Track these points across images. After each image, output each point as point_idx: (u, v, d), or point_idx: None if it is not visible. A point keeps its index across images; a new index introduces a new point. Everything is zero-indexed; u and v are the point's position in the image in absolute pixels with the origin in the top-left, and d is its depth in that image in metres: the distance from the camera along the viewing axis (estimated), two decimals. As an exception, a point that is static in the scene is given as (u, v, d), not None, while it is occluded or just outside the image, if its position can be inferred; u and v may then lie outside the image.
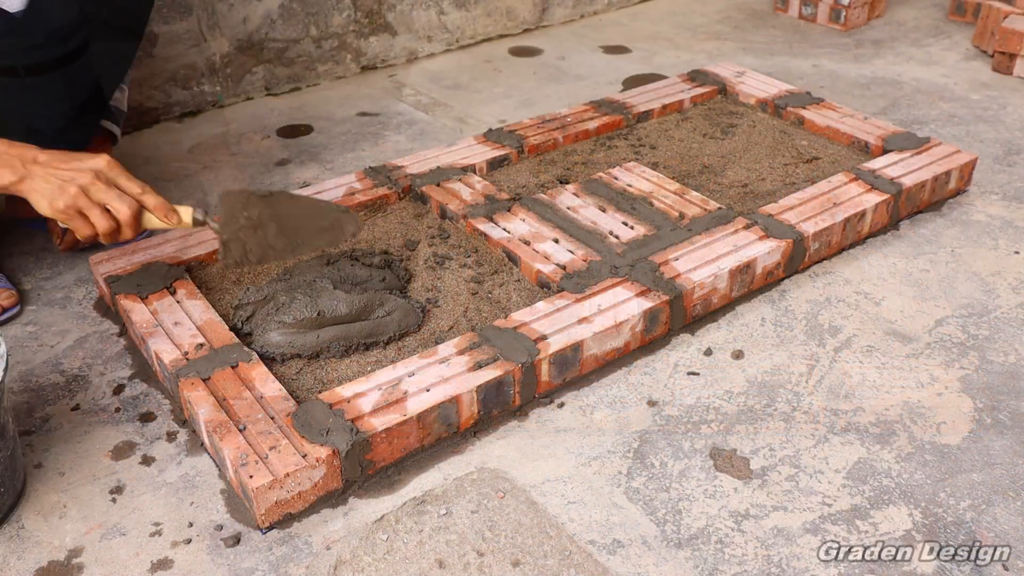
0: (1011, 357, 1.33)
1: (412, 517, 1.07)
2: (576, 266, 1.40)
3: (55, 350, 1.36)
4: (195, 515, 1.07)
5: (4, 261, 1.58)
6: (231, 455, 1.05)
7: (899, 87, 2.28)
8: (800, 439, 1.18)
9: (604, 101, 1.98)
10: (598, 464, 1.14)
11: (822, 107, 1.94)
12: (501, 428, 1.20)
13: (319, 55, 2.33)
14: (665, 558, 1.01)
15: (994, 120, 2.09)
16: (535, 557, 1.01)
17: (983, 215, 1.69)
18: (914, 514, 1.07)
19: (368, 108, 2.21)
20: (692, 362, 1.32)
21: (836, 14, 2.69)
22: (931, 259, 1.56)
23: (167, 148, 2.00)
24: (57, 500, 1.10)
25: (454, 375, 1.17)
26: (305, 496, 1.06)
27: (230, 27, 2.16)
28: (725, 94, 2.08)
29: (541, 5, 2.73)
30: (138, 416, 1.23)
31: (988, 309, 1.43)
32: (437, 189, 1.63)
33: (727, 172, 1.75)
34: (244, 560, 1.02)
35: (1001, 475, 1.12)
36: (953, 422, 1.21)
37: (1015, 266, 1.54)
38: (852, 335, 1.38)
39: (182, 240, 1.48)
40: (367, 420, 1.09)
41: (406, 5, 2.43)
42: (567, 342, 1.23)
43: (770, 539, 1.03)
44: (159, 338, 1.25)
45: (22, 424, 1.21)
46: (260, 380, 1.17)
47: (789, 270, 1.50)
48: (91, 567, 1.01)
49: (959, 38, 2.61)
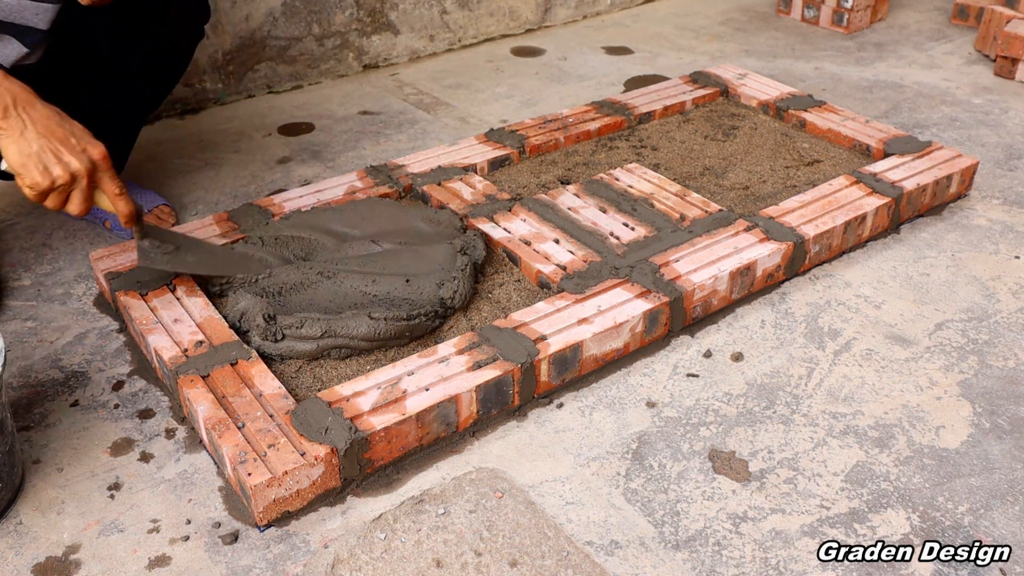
0: (1011, 362, 1.33)
1: (410, 516, 1.06)
2: (576, 267, 1.40)
3: (54, 346, 1.36)
4: (193, 512, 1.07)
5: (4, 256, 1.58)
6: (230, 452, 1.05)
7: (901, 91, 2.28)
8: (799, 442, 1.18)
9: (606, 102, 1.98)
10: (597, 465, 1.14)
11: (824, 110, 1.94)
12: (500, 428, 1.20)
13: (321, 53, 2.33)
14: (663, 559, 1.01)
15: (996, 124, 2.08)
16: (533, 557, 1.01)
17: (984, 219, 1.69)
18: (912, 518, 1.06)
19: (370, 107, 2.21)
20: (692, 364, 1.32)
21: (838, 17, 2.69)
22: (931, 263, 1.56)
23: (169, 145, 2.00)
24: (55, 496, 1.10)
25: (453, 375, 1.17)
26: (303, 494, 1.06)
27: (232, 24, 2.16)
28: (727, 96, 2.07)
29: (544, 5, 2.73)
30: (137, 413, 1.23)
31: (988, 313, 1.43)
32: (438, 188, 1.63)
33: (728, 174, 1.75)
34: (242, 558, 1.02)
35: (999, 480, 1.12)
36: (952, 426, 1.21)
37: (1015, 271, 1.54)
38: (852, 338, 1.38)
39: (182, 237, 1.48)
40: (366, 419, 1.09)
41: (408, 4, 2.43)
42: (567, 343, 1.23)
43: (768, 541, 1.03)
44: (158, 335, 1.25)
45: (21, 419, 1.21)
46: (259, 378, 1.16)
47: (789, 273, 1.50)
48: (88, 563, 1.01)
49: (961, 42, 2.61)
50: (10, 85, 1.12)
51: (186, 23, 1.54)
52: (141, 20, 1.45)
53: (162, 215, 1.64)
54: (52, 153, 1.11)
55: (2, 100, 1.10)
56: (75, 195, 1.15)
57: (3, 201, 1.75)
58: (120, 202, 1.20)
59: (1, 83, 1.11)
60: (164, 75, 1.61)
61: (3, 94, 1.11)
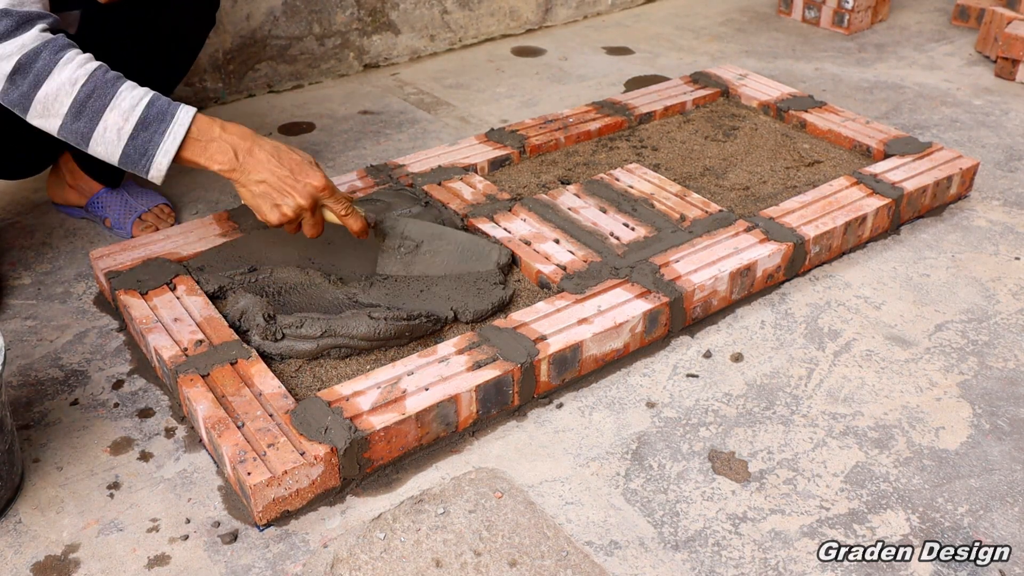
0: (1010, 363, 1.33)
1: (409, 516, 1.06)
2: (576, 267, 1.40)
3: (54, 345, 1.36)
4: (193, 511, 1.07)
5: (4, 255, 1.58)
6: (229, 452, 1.05)
7: (901, 91, 2.28)
8: (798, 442, 1.18)
9: (606, 102, 1.98)
10: (596, 465, 1.14)
11: (824, 111, 1.94)
12: (500, 428, 1.20)
13: (322, 53, 2.33)
14: (662, 560, 1.01)
15: (996, 126, 2.08)
16: (532, 557, 1.01)
17: (984, 220, 1.69)
18: (912, 519, 1.07)
19: (370, 106, 2.21)
20: (691, 364, 1.32)
21: (839, 18, 2.69)
22: (932, 264, 1.56)
23: (169, 144, 2.00)
24: (55, 495, 1.10)
25: (453, 374, 1.17)
26: (303, 494, 1.06)
27: (233, 23, 2.16)
28: (727, 96, 2.07)
29: (544, 5, 2.73)
30: (137, 412, 1.23)
31: (988, 315, 1.43)
32: (438, 188, 1.63)
33: (728, 175, 1.75)
34: (241, 557, 1.02)
35: (999, 481, 1.12)
36: (952, 427, 1.21)
37: (1015, 272, 1.54)
38: (852, 339, 1.38)
39: (183, 236, 1.48)
40: (366, 418, 1.09)
41: (409, 4, 2.43)
42: (567, 343, 1.23)
43: (767, 542, 1.03)
44: (158, 334, 1.25)
45: (20, 418, 1.21)
46: (259, 377, 1.16)
47: (789, 273, 1.50)
48: (88, 562, 1.01)
49: (962, 43, 2.61)
50: (229, 136, 1.21)
51: (196, 9, 1.55)
52: (152, 9, 1.45)
53: (161, 214, 1.64)
54: (278, 192, 1.22)
55: (226, 154, 1.20)
56: (305, 223, 1.27)
57: (3, 200, 1.75)
58: (348, 221, 1.29)
59: (222, 136, 1.21)
60: (176, 62, 1.61)
61: (225, 147, 1.20)
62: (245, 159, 1.21)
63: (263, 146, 1.22)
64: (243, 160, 1.21)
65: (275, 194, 1.22)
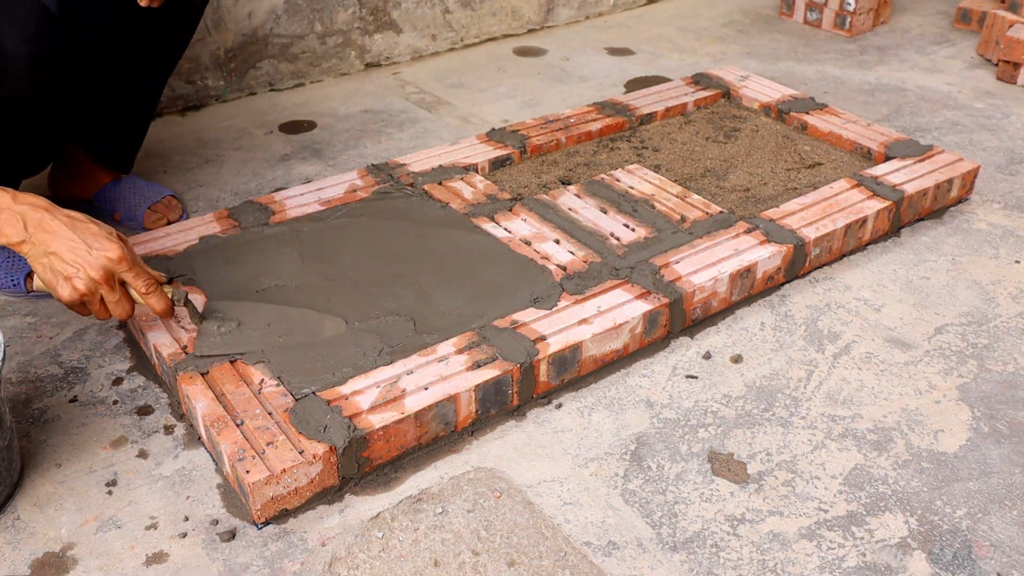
0: (1010, 366, 1.33)
1: (408, 515, 1.06)
2: (576, 267, 1.40)
3: (54, 341, 1.36)
4: (191, 509, 1.07)
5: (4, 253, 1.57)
6: (228, 450, 1.05)
7: (903, 94, 2.28)
8: (797, 444, 1.18)
9: (607, 103, 1.98)
10: (595, 465, 1.14)
11: (825, 113, 1.94)
12: (499, 428, 1.20)
13: (323, 52, 2.33)
14: (660, 561, 1.01)
15: (997, 129, 2.08)
16: (530, 557, 1.01)
17: (984, 224, 1.69)
18: (910, 521, 1.06)
19: (371, 105, 2.21)
20: (691, 365, 1.32)
21: (841, 20, 2.69)
22: (932, 267, 1.56)
23: (170, 142, 2.00)
24: (53, 492, 1.10)
25: (452, 374, 1.17)
26: (301, 492, 1.06)
27: (235, 22, 2.16)
28: (729, 98, 2.07)
29: (546, 6, 2.73)
30: (136, 409, 1.23)
31: (988, 318, 1.43)
32: (439, 188, 1.63)
33: (729, 176, 1.75)
34: (239, 555, 1.02)
35: (998, 484, 1.12)
36: (951, 430, 1.21)
37: (1016, 275, 1.54)
38: (851, 341, 1.38)
39: (183, 234, 1.48)
40: (365, 417, 1.09)
41: (411, 3, 2.43)
42: (566, 343, 1.23)
43: (766, 544, 1.03)
44: (158, 331, 1.25)
45: (19, 415, 1.21)
46: (259, 375, 1.16)
47: (789, 275, 1.50)
48: (86, 559, 1.01)
49: (964, 46, 2.61)
50: (20, 207, 1.10)
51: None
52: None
53: (170, 206, 1.64)
54: (71, 264, 1.10)
55: (14, 225, 1.09)
56: (107, 300, 1.13)
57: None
58: (150, 301, 1.17)
59: (12, 207, 1.09)
60: (166, 53, 1.60)
61: (14, 218, 1.09)
62: (35, 231, 1.09)
63: (56, 216, 1.10)
64: (32, 232, 1.09)
65: (67, 267, 1.09)
